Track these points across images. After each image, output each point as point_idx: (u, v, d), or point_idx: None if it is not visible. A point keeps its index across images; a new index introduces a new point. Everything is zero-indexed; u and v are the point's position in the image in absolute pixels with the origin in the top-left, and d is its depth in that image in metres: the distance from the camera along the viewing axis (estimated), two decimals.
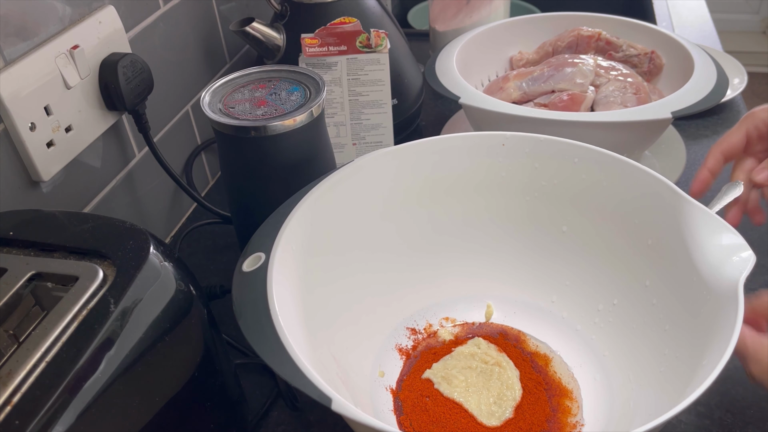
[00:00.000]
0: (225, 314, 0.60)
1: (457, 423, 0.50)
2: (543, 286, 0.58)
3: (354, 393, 0.49)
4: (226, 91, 0.57)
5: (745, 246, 0.43)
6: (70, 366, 0.32)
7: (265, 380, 0.57)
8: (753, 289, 0.61)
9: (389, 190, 0.56)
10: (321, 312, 0.50)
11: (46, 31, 0.53)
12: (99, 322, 0.34)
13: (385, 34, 0.70)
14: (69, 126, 0.55)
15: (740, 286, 0.40)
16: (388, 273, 0.57)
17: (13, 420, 0.29)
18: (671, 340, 0.46)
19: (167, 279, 0.38)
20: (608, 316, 0.54)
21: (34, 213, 0.42)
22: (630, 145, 0.70)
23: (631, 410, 0.47)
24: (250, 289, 0.43)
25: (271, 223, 0.49)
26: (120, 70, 0.58)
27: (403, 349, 0.56)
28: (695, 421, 0.52)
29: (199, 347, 0.41)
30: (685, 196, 0.48)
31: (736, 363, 0.39)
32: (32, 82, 0.51)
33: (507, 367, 0.53)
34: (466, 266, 0.59)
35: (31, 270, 0.37)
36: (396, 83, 0.76)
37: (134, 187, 0.67)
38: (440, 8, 0.95)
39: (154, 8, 0.67)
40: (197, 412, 0.41)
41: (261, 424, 0.54)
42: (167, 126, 0.72)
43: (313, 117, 0.55)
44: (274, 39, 0.76)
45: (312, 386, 0.36)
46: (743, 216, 0.54)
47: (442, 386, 0.52)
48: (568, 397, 0.51)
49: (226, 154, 0.57)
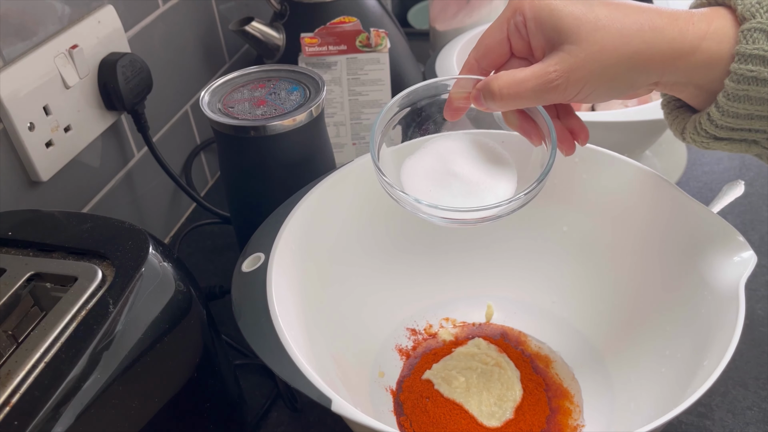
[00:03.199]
0: (225, 314, 0.60)
1: (457, 424, 0.49)
2: (543, 286, 0.58)
3: (354, 394, 0.49)
4: (225, 90, 0.57)
5: (746, 246, 0.43)
6: (69, 366, 0.31)
7: (264, 381, 0.57)
8: (754, 290, 0.61)
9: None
10: (321, 312, 0.50)
11: (45, 30, 0.53)
12: (98, 323, 0.34)
13: (385, 34, 0.70)
14: (68, 126, 0.55)
15: (741, 287, 0.40)
16: (388, 273, 0.57)
17: (13, 420, 0.29)
18: (672, 340, 0.46)
19: (166, 279, 0.38)
20: (609, 317, 0.54)
21: (33, 213, 0.42)
22: (630, 145, 0.70)
23: (632, 411, 0.47)
24: (250, 289, 0.43)
25: (270, 223, 0.49)
26: (119, 69, 0.57)
27: (403, 349, 0.56)
28: (695, 421, 0.52)
29: (199, 348, 0.41)
30: (685, 196, 0.48)
31: (737, 363, 0.39)
32: (31, 82, 0.51)
33: (507, 367, 0.53)
34: (466, 266, 0.59)
35: (29, 270, 0.37)
36: (396, 83, 0.75)
37: (133, 187, 0.67)
38: (440, 8, 0.95)
39: (153, 8, 0.67)
40: (197, 412, 0.41)
41: (260, 425, 0.54)
42: (166, 126, 0.72)
43: (313, 117, 0.55)
44: (274, 38, 0.76)
45: (312, 387, 0.36)
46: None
47: (442, 387, 0.52)
48: (569, 398, 0.51)
49: (226, 154, 0.57)
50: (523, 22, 0.38)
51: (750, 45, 0.34)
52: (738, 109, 0.36)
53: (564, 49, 0.37)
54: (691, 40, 0.36)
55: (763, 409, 0.52)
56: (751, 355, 0.56)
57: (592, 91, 0.38)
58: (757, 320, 0.58)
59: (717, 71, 0.36)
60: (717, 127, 0.37)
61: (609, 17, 0.36)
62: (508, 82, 0.38)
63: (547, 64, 0.37)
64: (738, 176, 0.77)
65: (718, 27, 0.36)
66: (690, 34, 0.36)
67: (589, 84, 0.37)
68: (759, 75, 0.34)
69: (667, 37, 0.36)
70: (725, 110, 0.36)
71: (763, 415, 0.51)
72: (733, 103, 0.36)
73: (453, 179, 0.43)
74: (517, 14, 0.38)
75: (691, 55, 0.36)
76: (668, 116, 0.42)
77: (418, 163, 0.44)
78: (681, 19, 0.36)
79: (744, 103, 0.36)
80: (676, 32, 0.36)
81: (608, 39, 0.36)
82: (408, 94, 0.44)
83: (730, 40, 0.35)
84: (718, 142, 0.39)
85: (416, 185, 0.43)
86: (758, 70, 0.34)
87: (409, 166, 0.44)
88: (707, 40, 0.35)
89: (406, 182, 0.44)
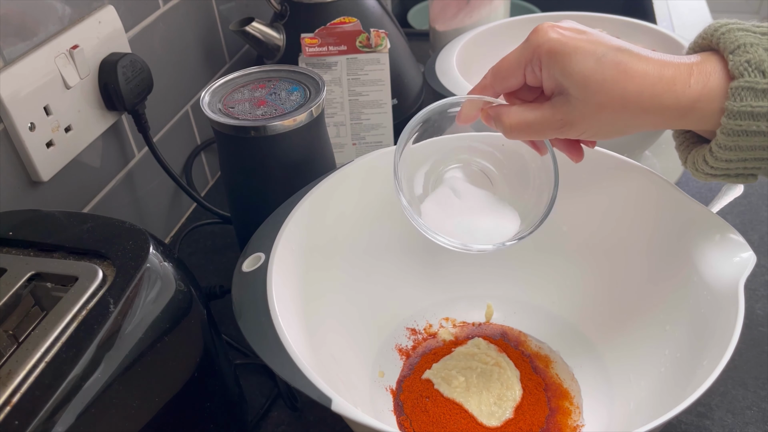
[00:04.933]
0: (225, 314, 0.60)
1: (457, 423, 0.49)
2: (543, 286, 0.58)
3: (354, 393, 0.49)
4: (225, 91, 0.57)
5: (745, 246, 0.43)
6: (70, 366, 0.31)
7: (264, 380, 0.57)
8: (753, 290, 0.61)
9: (389, 189, 0.55)
10: (321, 312, 0.50)
11: (46, 30, 0.53)
12: (98, 323, 0.34)
13: (385, 34, 0.70)
14: (68, 126, 0.55)
15: (740, 287, 0.40)
16: (389, 273, 0.57)
17: (14, 420, 0.29)
18: (671, 340, 0.46)
19: (167, 279, 0.38)
20: (608, 317, 0.54)
21: (33, 213, 0.42)
22: (630, 145, 0.70)
23: (631, 411, 0.47)
24: (250, 289, 0.43)
25: (270, 223, 0.49)
26: (120, 69, 0.58)
27: (403, 349, 0.56)
28: (695, 421, 0.52)
29: (199, 347, 0.41)
30: (685, 196, 0.48)
31: (736, 363, 0.39)
32: (32, 82, 0.51)
33: (507, 367, 0.53)
34: (466, 266, 0.59)
35: (30, 270, 0.37)
36: (396, 83, 0.75)
37: (134, 187, 0.67)
38: (440, 8, 0.95)
39: (154, 8, 0.67)
40: (197, 412, 0.41)
41: (261, 425, 0.54)
42: (167, 126, 0.72)
43: (313, 117, 0.55)
44: (274, 39, 0.76)
45: (312, 386, 0.36)
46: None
47: (442, 387, 0.52)
48: (568, 398, 0.51)
49: (226, 154, 0.57)
50: (539, 67, 0.41)
51: (738, 102, 0.37)
52: (730, 155, 0.40)
53: (570, 99, 0.40)
54: (686, 103, 0.39)
55: (762, 408, 0.52)
56: (751, 354, 0.56)
57: (594, 135, 0.42)
58: (756, 320, 0.58)
59: (710, 124, 0.40)
60: (713, 168, 0.42)
61: (614, 80, 0.39)
62: (517, 121, 0.43)
63: (553, 110, 0.41)
64: None
65: (712, 88, 0.38)
66: (685, 98, 0.39)
67: (589, 131, 0.41)
68: (747, 128, 0.38)
69: (663, 104, 0.39)
70: (718, 156, 0.40)
71: (763, 415, 0.51)
72: (725, 151, 0.40)
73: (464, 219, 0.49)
74: (534, 58, 0.41)
75: (685, 116, 0.39)
76: (676, 139, 0.46)
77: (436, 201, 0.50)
78: (679, 83, 0.39)
79: (735, 150, 0.39)
80: (673, 99, 0.39)
81: (609, 102, 0.39)
82: (428, 112, 0.47)
83: (720, 97, 0.38)
84: (715, 177, 0.43)
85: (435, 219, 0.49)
86: (746, 123, 0.38)
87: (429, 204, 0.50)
88: (701, 101, 0.39)
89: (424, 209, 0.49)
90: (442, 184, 0.50)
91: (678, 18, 1.12)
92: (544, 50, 0.40)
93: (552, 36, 0.40)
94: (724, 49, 0.39)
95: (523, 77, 0.43)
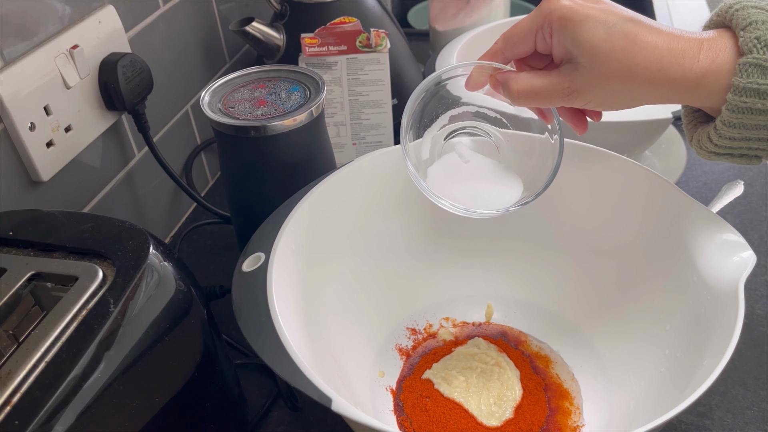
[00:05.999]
0: (225, 314, 0.60)
1: (457, 423, 0.49)
2: (543, 286, 0.58)
3: (354, 393, 0.49)
4: (225, 90, 0.57)
5: (745, 246, 0.43)
6: (70, 366, 0.31)
7: (265, 380, 0.57)
8: (753, 289, 0.61)
9: (389, 189, 0.56)
10: (321, 312, 0.50)
11: (46, 30, 0.53)
12: (98, 323, 0.34)
13: (385, 34, 0.70)
14: (68, 126, 0.55)
15: (741, 287, 0.40)
16: (388, 273, 0.57)
17: (14, 420, 0.29)
18: (671, 340, 0.46)
19: (167, 279, 0.38)
20: (608, 316, 0.54)
21: (33, 213, 0.42)
22: (630, 145, 0.70)
23: (632, 410, 0.47)
24: (250, 289, 0.43)
25: (270, 223, 0.49)
26: (120, 69, 0.58)
27: (403, 349, 0.56)
28: (695, 421, 0.52)
29: (199, 347, 0.41)
30: (685, 196, 0.48)
31: (736, 362, 0.39)
32: (32, 82, 0.51)
33: (507, 367, 0.53)
34: (466, 266, 0.59)
35: (30, 270, 0.37)
36: (396, 83, 0.75)
37: (134, 187, 0.67)
38: (440, 8, 0.95)
39: (154, 8, 0.67)
40: (197, 412, 0.41)
41: (261, 425, 0.54)
42: (167, 126, 0.72)
43: (313, 117, 0.55)
44: (274, 39, 0.76)
45: (312, 386, 0.36)
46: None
47: (442, 386, 0.52)
48: (568, 398, 0.51)
49: (226, 154, 0.57)
50: (550, 33, 0.41)
51: (744, 79, 0.37)
52: (734, 134, 0.40)
53: (579, 67, 0.40)
54: (694, 78, 0.38)
55: (762, 408, 0.52)
56: (751, 354, 0.56)
57: (600, 105, 0.42)
58: (756, 320, 0.58)
59: (716, 101, 0.39)
60: (716, 146, 0.41)
61: (623, 51, 0.38)
62: (525, 87, 0.42)
63: (561, 78, 0.41)
64: (737, 176, 0.77)
65: (721, 64, 0.38)
66: (692, 73, 0.38)
67: (595, 100, 0.41)
68: (752, 105, 0.37)
69: (670, 77, 0.38)
70: (722, 134, 0.40)
71: (763, 415, 0.51)
72: (729, 128, 0.39)
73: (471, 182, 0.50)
74: (546, 25, 0.41)
75: (692, 90, 0.39)
76: (685, 117, 0.46)
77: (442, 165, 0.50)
78: (687, 57, 0.38)
79: (739, 128, 0.39)
80: (680, 73, 0.38)
81: (617, 72, 0.39)
82: (437, 76, 0.47)
83: (728, 73, 0.38)
84: (719, 156, 0.42)
85: (441, 185, 0.49)
86: (751, 101, 0.37)
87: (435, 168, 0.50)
88: (708, 76, 0.38)
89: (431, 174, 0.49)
90: (449, 149, 0.50)
91: (678, 18, 1.12)
92: (556, 17, 0.40)
93: (564, 3, 0.40)
94: (735, 26, 0.39)
95: (534, 44, 0.43)
